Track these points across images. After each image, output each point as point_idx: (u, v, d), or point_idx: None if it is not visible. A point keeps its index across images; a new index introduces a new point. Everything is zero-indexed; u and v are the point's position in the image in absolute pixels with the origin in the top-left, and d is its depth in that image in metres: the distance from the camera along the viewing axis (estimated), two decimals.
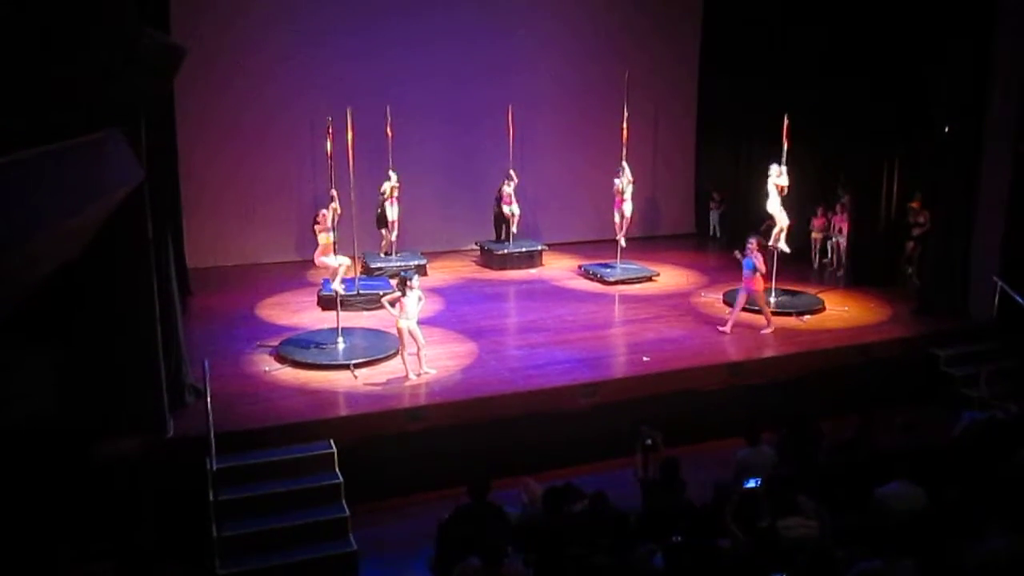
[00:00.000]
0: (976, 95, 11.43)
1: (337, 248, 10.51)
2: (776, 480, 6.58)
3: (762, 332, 11.11)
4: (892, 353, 10.97)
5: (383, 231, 14.23)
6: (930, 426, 8.26)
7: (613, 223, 14.04)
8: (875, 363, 10.74)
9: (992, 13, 11.21)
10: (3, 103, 5.31)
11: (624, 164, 13.70)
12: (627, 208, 13.85)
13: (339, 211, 10.45)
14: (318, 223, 10.41)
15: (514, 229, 14.93)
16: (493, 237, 15.44)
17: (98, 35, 6.43)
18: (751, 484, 6.47)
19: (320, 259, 10.56)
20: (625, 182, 13.72)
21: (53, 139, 4.98)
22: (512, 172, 14.63)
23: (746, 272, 10.97)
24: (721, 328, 11.16)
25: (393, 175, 13.75)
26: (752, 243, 11.00)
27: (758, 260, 10.85)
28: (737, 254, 11.14)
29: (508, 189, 14.68)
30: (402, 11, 14.83)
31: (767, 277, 11.48)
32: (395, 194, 13.80)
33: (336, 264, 10.52)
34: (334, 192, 10.30)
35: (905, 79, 12.88)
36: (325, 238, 10.38)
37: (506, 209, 14.77)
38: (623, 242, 14.04)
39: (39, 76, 6.03)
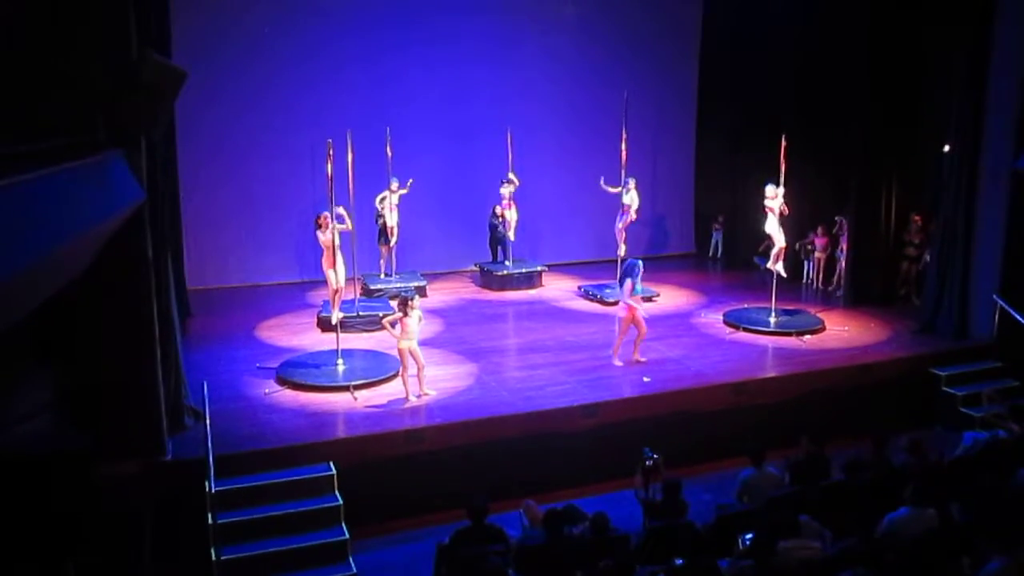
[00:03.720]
0: (973, 113, 11.44)
1: (337, 253, 10.71)
2: (778, 502, 6.55)
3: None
4: (893, 373, 10.94)
5: (382, 248, 14.18)
6: (932, 446, 8.22)
7: (615, 242, 14.07)
8: (876, 383, 10.72)
9: (989, 29, 11.24)
10: (5, 126, 5.34)
11: (625, 179, 13.70)
12: (622, 220, 13.84)
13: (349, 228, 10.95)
14: (319, 225, 10.62)
15: (511, 234, 14.64)
16: (490, 258, 15.42)
17: (100, 59, 6.49)
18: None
19: (324, 265, 10.82)
20: (624, 191, 13.71)
21: (56, 161, 5.01)
22: (511, 175, 14.46)
23: (635, 299, 10.50)
24: (617, 363, 10.62)
25: (395, 182, 13.67)
26: (639, 266, 10.50)
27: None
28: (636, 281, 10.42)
29: (505, 191, 14.48)
30: (402, 32, 14.89)
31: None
32: (395, 200, 13.72)
33: (334, 283, 10.76)
34: (326, 214, 10.43)
35: (904, 98, 12.93)
36: (324, 239, 10.62)
37: (506, 213, 14.53)
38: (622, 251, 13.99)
39: (42, 99, 6.07)
